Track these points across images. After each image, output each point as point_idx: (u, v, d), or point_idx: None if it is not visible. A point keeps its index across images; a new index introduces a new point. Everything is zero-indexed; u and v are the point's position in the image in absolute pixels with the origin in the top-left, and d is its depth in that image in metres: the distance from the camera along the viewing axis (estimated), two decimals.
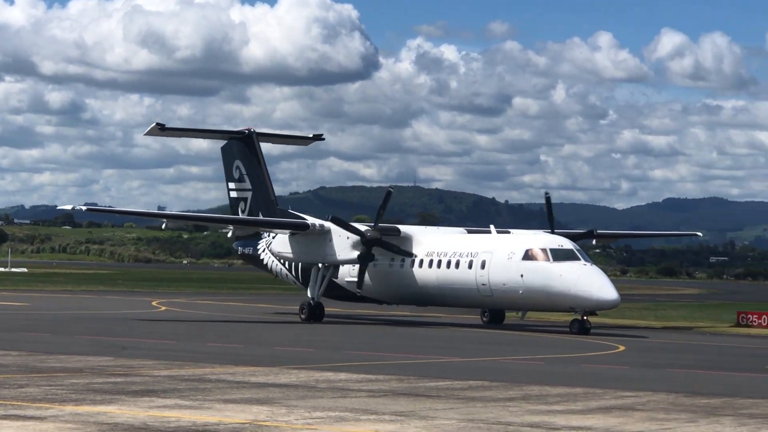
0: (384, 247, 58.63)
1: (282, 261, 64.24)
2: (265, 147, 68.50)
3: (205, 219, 71.06)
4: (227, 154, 68.02)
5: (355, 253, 58.06)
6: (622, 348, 46.93)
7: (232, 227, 66.47)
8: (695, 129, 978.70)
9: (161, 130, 65.25)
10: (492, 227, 63.35)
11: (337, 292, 62.46)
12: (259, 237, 66.58)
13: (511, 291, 54.88)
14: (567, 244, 55.47)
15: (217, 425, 21.04)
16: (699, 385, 31.46)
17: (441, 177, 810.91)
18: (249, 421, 21.71)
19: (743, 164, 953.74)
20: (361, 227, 59.14)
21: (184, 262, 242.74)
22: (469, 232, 63.61)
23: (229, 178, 67.97)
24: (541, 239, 56.90)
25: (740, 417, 24.40)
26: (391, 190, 60.19)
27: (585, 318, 53.32)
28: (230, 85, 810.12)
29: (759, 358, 43.07)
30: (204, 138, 73.17)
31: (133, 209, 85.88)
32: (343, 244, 58.36)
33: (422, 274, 58.74)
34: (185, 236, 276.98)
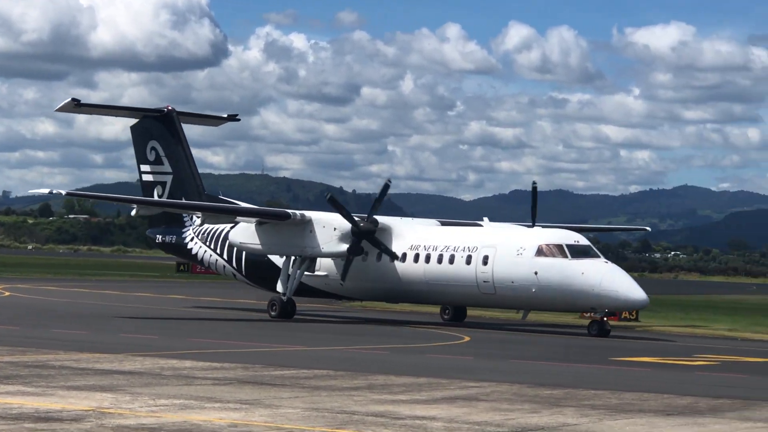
0: (372, 241, 55.01)
1: (238, 252, 60.05)
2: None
3: (181, 206, 61.79)
4: (140, 134, 64.02)
5: (344, 246, 54.35)
6: (467, 338, 47.31)
7: (136, 207, 60.50)
8: (542, 122, 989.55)
9: (76, 106, 62.25)
10: (486, 219, 61.51)
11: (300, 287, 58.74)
12: (180, 225, 63.32)
13: (521, 289, 51.72)
14: (583, 240, 53.21)
15: (60, 412, 20.77)
16: (543, 377, 31.83)
17: (289, 166, 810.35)
18: (93, 408, 21.47)
19: (588, 157, 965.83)
20: (355, 217, 55.18)
21: (29, 247, 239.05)
22: (443, 224, 60.14)
23: (142, 159, 64.02)
24: (554, 234, 53.62)
25: (582, 408, 24.74)
26: (389, 182, 57.05)
27: (605, 319, 51.12)
28: (78, 70, 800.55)
29: (603, 350, 43.66)
30: (118, 116, 68.83)
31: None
32: (329, 235, 54.75)
33: (406, 269, 55.10)
34: (30, 221, 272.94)
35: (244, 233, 56.45)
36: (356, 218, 54.65)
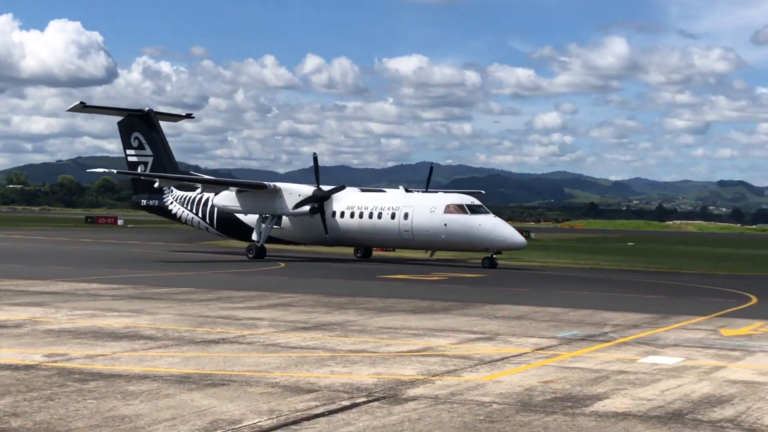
0: (330, 201, 53.75)
1: (212, 211, 57.95)
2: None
3: (193, 180, 57.19)
4: (125, 128, 60.82)
5: (307, 207, 52.71)
6: (283, 265, 47.34)
7: (158, 180, 55.85)
8: (329, 120, 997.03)
9: (83, 107, 59.21)
10: (401, 187, 59.42)
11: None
12: (161, 192, 60.54)
13: (434, 235, 50.91)
14: (477, 201, 51.97)
15: (5, 321, 20.33)
16: (334, 289, 32.11)
17: None
18: (28, 318, 21.05)
19: (360, 143, 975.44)
20: (310, 187, 53.49)
21: None
22: (363, 191, 57.00)
23: (127, 146, 60.91)
24: (456, 197, 52.67)
25: (359, 310, 25.09)
26: (316, 155, 53.62)
27: (494, 256, 50.07)
28: (12, 85, 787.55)
29: (372, 272, 44.10)
30: (112, 114, 62.56)
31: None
32: (295, 199, 52.89)
33: (345, 222, 53.91)
34: None
35: (227, 199, 54.50)
36: (313, 188, 53.18)
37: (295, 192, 53.31)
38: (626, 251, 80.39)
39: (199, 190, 56.91)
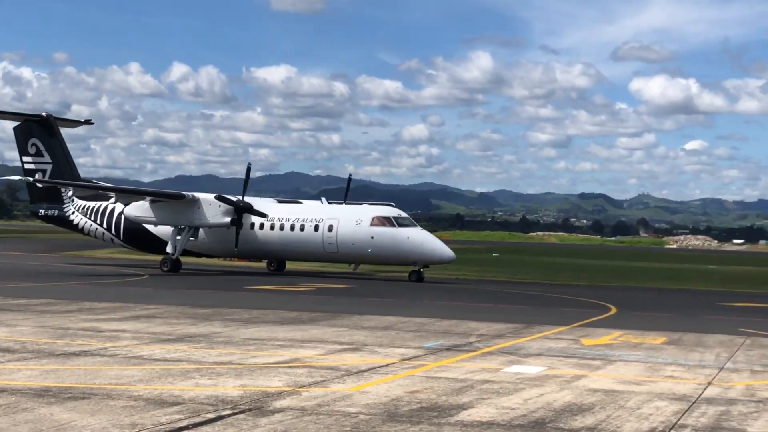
0: (253, 213, 51.48)
1: (117, 222, 55.29)
2: None
3: (110, 189, 54.57)
4: (22, 133, 57.53)
5: (227, 219, 50.55)
6: (146, 276, 46.57)
7: (72, 189, 53.20)
8: (196, 129, 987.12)
9: None
10: (323, 199, 57.81)
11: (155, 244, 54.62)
12: (60, 201, 57.37)
13: (360, 248, 49.41)
14: (404, 214, 50.83)
15: None
16: (199, 300, 31.71)
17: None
18: None
19: (228, 153, 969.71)
20: (233, 198, 51.38)
21: None
22: (280, 201, 55.69)
23: (24, 153, 57.50)
24: (382, 210, 51.39)
25: (226, 321, 24.83)
26: (250, 165, 52.14)
27: (421, 270, 48.53)
28: None
29: (239, 281, 43.76)
30: (5, 119, 59.62)
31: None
32: (215, 210, 50.75)
33: (264, 235, 51.85)
34: None
35: (140, 209, 51.73)
36: (235, 198, 51.34)
37: (214, 203, 51.28)
38: (491, 262, 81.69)
39: (112, 200, 53.54)
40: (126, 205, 52.82)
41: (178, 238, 51.73)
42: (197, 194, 51.75)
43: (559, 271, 66.92)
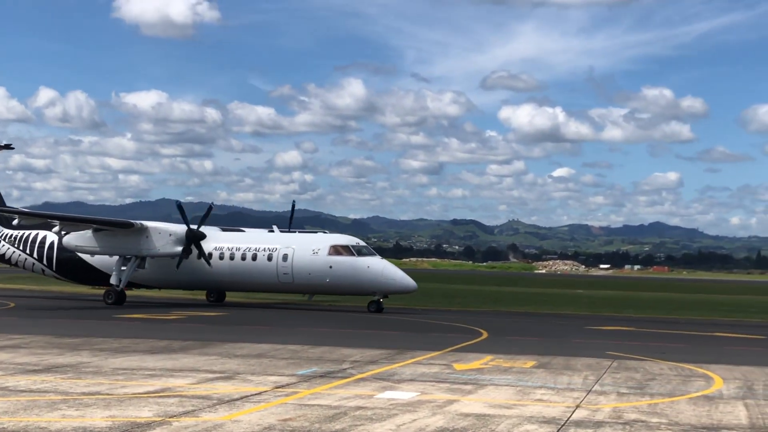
0: (197, 245, 49.14)
1: (49, 252, 52.71)
2: None
3: (55, 217, 50.21)
4: None
5: (179, 248, 48.49)
6: (12, 305, 45.26)
7: (18, 217, 49.40)
8: (64, 155, 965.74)
9: None
10: (275, 227, 55.40)
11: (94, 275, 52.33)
12: None
13: (317, 278, 47.65)
14: (362, 243, 49.40)
15: None
16: (66, 330, 30.99)
17: None
18: None
19: (97, 179, 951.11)
20: (182, 227, 49.20)
21: None
22: (224, 230, 53.11)
23: None
24: (340, 238, 49.85)
25: (94, 351, 24.30)
26: (212, 205, 50.60)
27: (381, 300, 47.09)
28: None
29: (108, 311, 42.89)
30: None
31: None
32: (165, 239, 48.52)
33: (214, 265, 49.53)
34: None
35: (81, 238, 49.10)
36: (185, 228, 49.06)
37: (165, 231, 49.06)
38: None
39: (55, 228, 49.79)
40: (63, 234, 50.02)
41: (123, 268, 49.17)
42: (146, 222, 49.79)
43: (432, 297, 67.53)
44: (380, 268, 47.45)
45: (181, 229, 49.34)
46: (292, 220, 55.15)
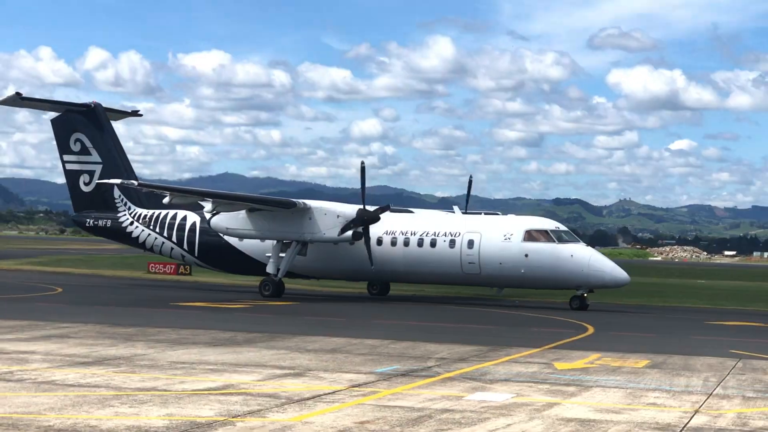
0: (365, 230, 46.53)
1: (190, 234, 51.31)
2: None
3: (216, 195, 48.55)
4: (61, 127, 53.92)
5: (348, 232, 46.16)
6: (59, 290, 46.18)
7: (169, 195, 46.77)
8: (117, 124, 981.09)
9: (19, 98, 51.80)
10: (455, 208, 53.43)
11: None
12: (113, 209, 53.47)
13: (510, 269, 45.20)
14: (563, 227, 46.79)
15: None
16: (119, 319, 31.52)
17: None
18: None
19: (153, 151, 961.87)
20: (353, 207, 46.90)
21: None
22: (393, 211, 50.10)
23: (65, 150, 53.73)
24: (537, 221, 47.66)
25: (150, 342, 24.70)
26: (363, 164, 47.17)
27: (585, 295, 44.88)
28: None
29: (164, 299, 43.52)
30: (50, 110, 55.13)
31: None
32: (332, 221, 46.41)
33: (383, 252, 47.50)
34: None
35: (233, 220, 47.60)
36: (356, 207, 46.62)
37: (331, 212, 46.88)
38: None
39: (209, 207, 47.98)
40: (213, 213, 48.11)
41: (282, 255, 48.03)
42: (310, 202, 48.17)
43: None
44: (586, 257, 45.18)
45: (351, 209, 47.05)
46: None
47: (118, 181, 48.44)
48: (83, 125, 53.91)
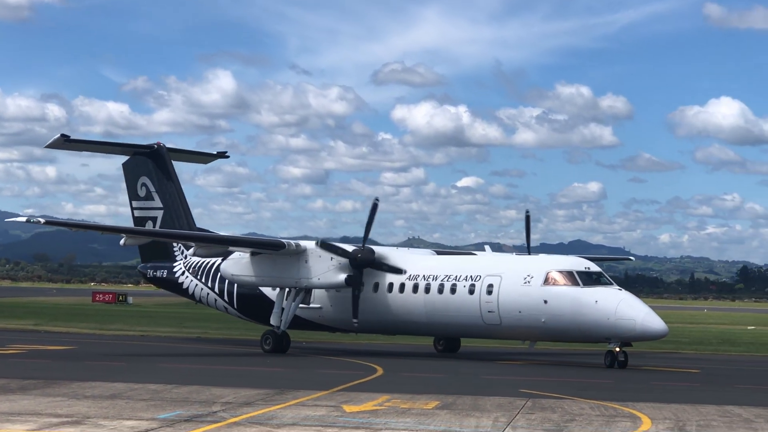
0: (377, 268, 43.70)
1: (230, 285, 47.78)
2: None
3: (171, 235, 48.13)
4: (131, 171, 51.51)
5: (342, 276, 42.94)
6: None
7: (124, 237, 45.28)
8: None
9: (66, 141, 48.31)
10: (487, 248, 50.27)
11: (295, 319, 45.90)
12: (171, 259, 50.92)
13: (529, 318, 40.20)
14: (594, 266, 40.95)
15: None
16: None
17: None
18: None
19: None
20: (348, 247, 43.59)
21: None
22: (439, 253, 47.56)
23: (133, 196, 51.50)
24: (562, 261, 41.75)
25: None
26: (377, 201, 43.66)
27: (618, 350, 38.78)
28: None
29: None
30: (107, 153, 53.23)
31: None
32: (325, 266, 43.17)
33: (404, 299, 43.51)
34: None
35: (237, 265, 45.05)
36: (351, 248, 43.46)
37: (325, 254, 43.67)
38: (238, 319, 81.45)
39: (192, 251, 46.51)
40: (223, 259, 46.15)
41: (283, 303, 45.09)
42: (302, 242, 44.62)
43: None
44: (614, 302, 39.21)
45: (345, 251, 43.84)
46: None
47: (23, 219, 43.34)
48: (147, 169, 51.48)
